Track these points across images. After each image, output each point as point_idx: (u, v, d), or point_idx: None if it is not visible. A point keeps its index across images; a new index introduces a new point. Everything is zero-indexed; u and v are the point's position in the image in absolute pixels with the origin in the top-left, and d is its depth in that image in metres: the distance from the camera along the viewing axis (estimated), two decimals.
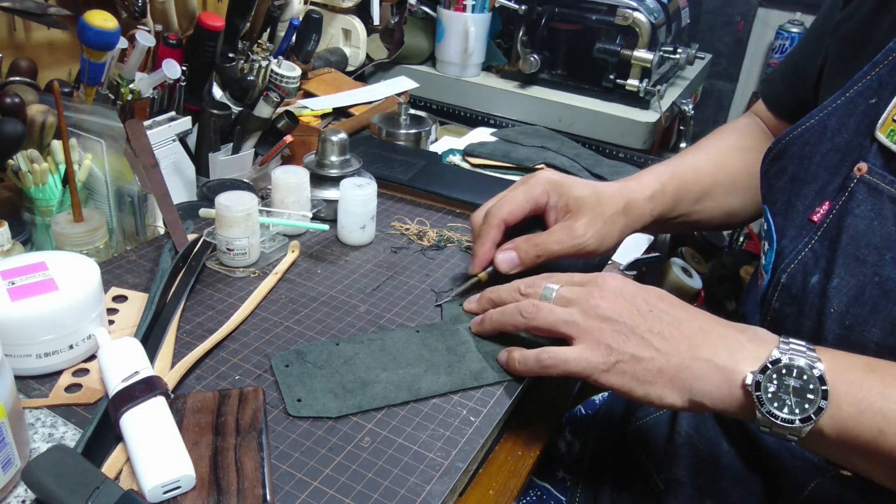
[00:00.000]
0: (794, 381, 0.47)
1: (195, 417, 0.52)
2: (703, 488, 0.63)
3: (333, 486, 0.49)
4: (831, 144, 0.57)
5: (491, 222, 0.68)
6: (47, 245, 0.73)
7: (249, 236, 0.72)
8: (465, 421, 0.55)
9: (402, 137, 1.10)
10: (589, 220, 0.67)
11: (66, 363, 0.57)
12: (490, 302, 0.64)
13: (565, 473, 0.74)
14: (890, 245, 0.51)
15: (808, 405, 0.46)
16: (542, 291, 0.58)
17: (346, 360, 0.60)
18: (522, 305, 0.58)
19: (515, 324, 0.59)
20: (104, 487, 0.43)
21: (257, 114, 0.90)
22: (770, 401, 0.47)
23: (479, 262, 0.70)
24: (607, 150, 1.27)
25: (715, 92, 2.18)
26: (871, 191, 0.52)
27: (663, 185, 0.72)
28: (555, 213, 0.69)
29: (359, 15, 1.32)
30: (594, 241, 0.67)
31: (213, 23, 0.86)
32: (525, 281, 0.61)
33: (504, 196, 0.70)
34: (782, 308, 0.58)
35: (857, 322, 0.52)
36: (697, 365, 0.50)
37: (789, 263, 0.57)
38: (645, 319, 0.53)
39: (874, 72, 0.54)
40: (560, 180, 0.69)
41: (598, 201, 0.68)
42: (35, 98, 0.73)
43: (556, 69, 1.38)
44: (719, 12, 2.10)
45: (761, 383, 0.47)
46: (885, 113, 0.52)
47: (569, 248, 0.67)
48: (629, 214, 0.69)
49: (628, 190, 0.70)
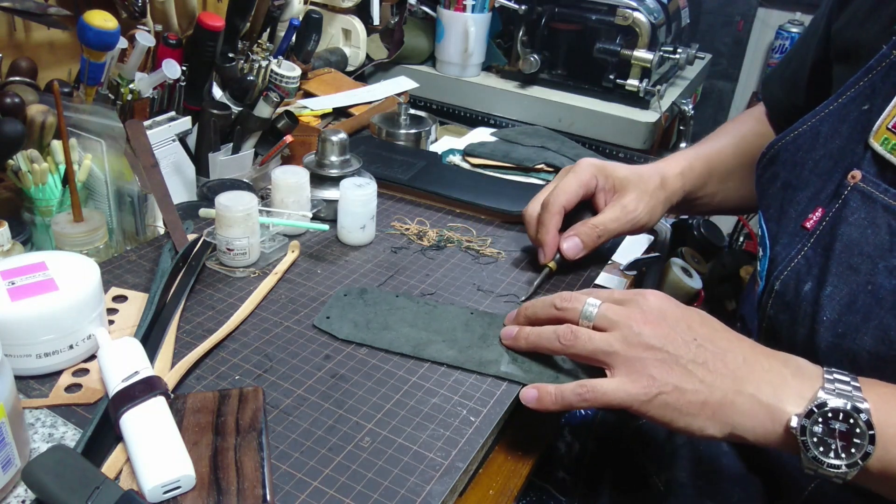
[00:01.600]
0: (840, 424, 0.46)
1: (195, 417, 0.52)
2: (704, 489, 0.63)
3: (333, 486, 0.49)
4: (824, 150, 0.56)
5: (552, 210, 0.72)
6: (47, 245, 0.73)
7: (249, 236, 0.72)
8: (465, 421, 0.55)
9: (402, 137, 1.10)
10: (637, 195, 0.72)
11: (66, 363, 0.57)
12: (526, 319, 0.61)
13: (565, 474, 0.74)
14: (883, 254, 0.50)
15: (855, 450, 0.45)
16: (583, 309, 0.56)
17: (391, 308, 0.65)
18: (560, 331, 0.55)
19: (552, 349, 0.57)
20: (104, 487, 0.43)
21: (257, 114, 0.90)
22: (815, 445, 0.46)
23: (549, 251, 0.73)
24: (607, 150, 1.27)
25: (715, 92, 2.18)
26: (864, 199, 0.52)
27: (691, 164, 0.76)
28: (603, 195, 0.74)
29: (359, 15, 1.32)
30: (645, 214, 0.72)
31: (213, 23, 0.86)
32: (561, 294, 0.59)
33: (557, 186, 0.73)
34: (777, 315, 0.58)
35: (850, 330, 0.52)
36: (741, 400, 0.49)
37: (782, 270, 0.57)
38: (689, 349, 0.51)
39: (867, 78, 0.54)
40: (603, 164, 0.74)
41: (640, 178, 0.73)
42: (35, 98, 0.73)
43: (556, 69, 1.38)
44: (719, 12, 2.10)
45: (807, 428, 0.46)
46: (880, 121, 0.52)
47: (625, 225, 0.71)
48: (666, 188, 0.74)
49: (661, 168, 0.75)
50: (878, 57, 0.53)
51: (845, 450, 0.46)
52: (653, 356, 0.51)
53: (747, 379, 0.50)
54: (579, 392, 0.53)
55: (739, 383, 0.50)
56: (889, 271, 0.50)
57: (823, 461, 0.46)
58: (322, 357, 0.62)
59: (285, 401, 0.56)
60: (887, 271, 0.50)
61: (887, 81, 0.52)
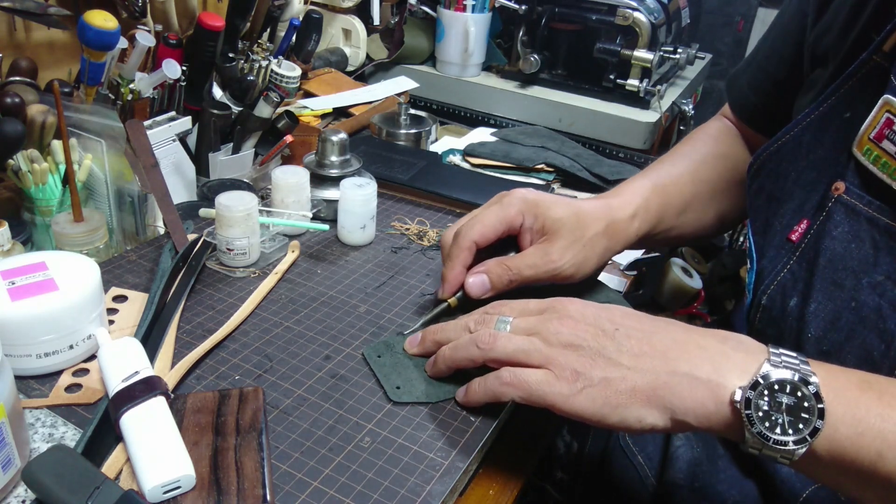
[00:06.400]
0: (787, 398, 0.43)
1: (195, 417, 0.52)
2: (699, 491, 0.63)
3: (333, 486, 0.49)
4: (807, 161, 0.55)
5: (461, 244, 0.63)
6: (47, 245, 0.73)
7: (249, 236, 0.72)
8: (465, 421, 0.55)
9: (402, 137, 1.10)
10: (567, 243, 0.62)
11: (66, 363, 0.57)
12: (435, 343, 0.58)
13: (564, 474, 0.74)
14: (867, 269, 0.49)
15: (803, 425, 0.42)
16: (496, 325, 0.53)
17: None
18: (478, 336, 0.53)
19: (471, 357, 0.53)
20: (104, 487, 0.43)
21: (257, 114, 0.90)
22: (761, 420, 0.43)
23: (448, 288, 0.64)
24: (607, 150, 1.27)
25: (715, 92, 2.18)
26: (848, 212, 0.51)
27: (647, 201, 0.68)
28: (530, 235, 0.64)
29: (359, 15, 1.32)
30: (571, 266, 0.62)
31: (213, 23, 0.86)
32: (473, 316, 0.56)
33: (476, 215, 0.65)
34: (764, 329, 0.57)
35: (834, 349, 0.50)
36: (675, 380, 0.46)
37: (769, 284, 0.56)
38: (612, 340, 0.48)
39: (847, 84, 0.53)
40: (536, 199, 0.64)
41: (578, 223, 0.63)
42: (35, 98, 0.73)
43: (556, 69, 1.38)
44: (719, 12, 2.10)
45: (751, 400, 0.43)
46: (862, 129, 0.50)
47: (543, 274, 0.62)
48: (612, 236, 0.65)
49: (611, 209, 0.66)
50: (858, 63, 0.52)
51: (792, 425, 0.42)
52: (575, 353, 0.49)
53: (680, 358, 0.46)
54: (502, 375, 0.51)
55: (671, 363, 0.46)
56: (872, 287, 0.49)
57: (770, 437, 0.43)
58: (322, 357, 0.62)
59: (285, 401, 0.56)
60: (871, 287, 0.49)
61: (868, 88, 0.51)
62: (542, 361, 0.49)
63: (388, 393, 0.58)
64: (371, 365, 0.61)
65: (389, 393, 0.57)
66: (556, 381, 0.48)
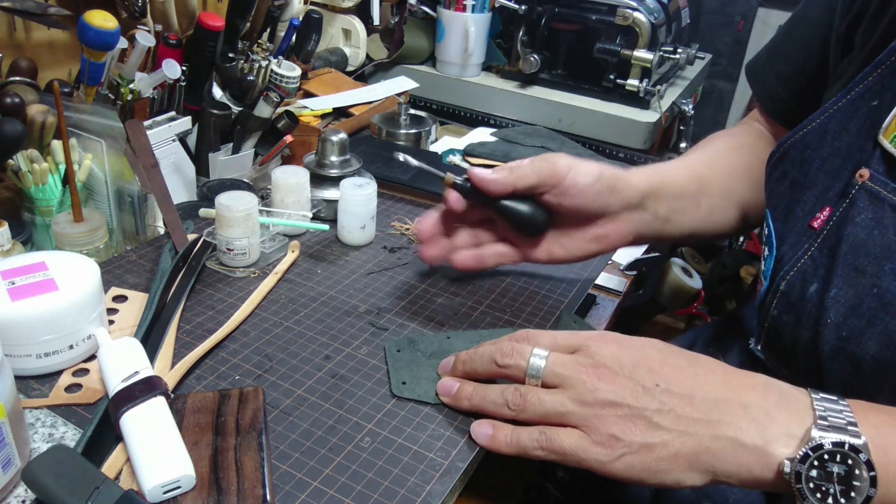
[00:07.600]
0: (837, 466, 0.42)
1: (195, 417, 0.52)
2: (701, 489, 0.63)
3: (333, 486, 0.49)
4: (832, 148, 0.55)
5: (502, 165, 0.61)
6: (47, 245, 0.73)
7: (249, 236, 0.72)
8: (466, 421, 0.55)
9: (402, 137, 1.10)
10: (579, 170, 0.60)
11: (66, 363, 0.57)
12: (464, 374, 0.56)
13: (564, 473, 0.74)
14: (889, 256, 0.49)
15: (856, 493, 0.42)
16: (528, 365, 0.50)
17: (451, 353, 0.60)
18: (508, 396, 0.51)
19: (501, 414, 0.51)
20: (104, 487, 0.43)
21: (257, 114, 0.90)
22: (812, 491, 0.42)
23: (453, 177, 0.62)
24: (607, 150, 1.27)
25: (715, 92, 2.18)
26: (872, 198, 0.51)
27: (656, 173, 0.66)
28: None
29: (359, 15, 1.32)
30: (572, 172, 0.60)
31: (213, 23, 0.86)
32: (501, 349, 0.52)
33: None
34: (780, 316, 0.57)
35: (854, 334, 0.50)
36: (719, 445, 0.45)
37: (788, 271, 0.56)
38: (652, 398, 0.46)
39: (876, 73, 0.53)
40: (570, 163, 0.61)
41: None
42: (35, 98, 0.73)
43: (556, 69, 1.38)
44: (719, 12, 2.10)
45: (802, 474, 0.42)
46: (890, 117, 0.51)
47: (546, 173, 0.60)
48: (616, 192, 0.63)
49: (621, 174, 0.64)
50: (888, 51, 0.52)
51: (844, 494, 0.42)
52: (612, 413, 0.46)
53: (723, 421, 0.45)
54: (537, 439, 0.48)
55: (714, 427, 0.45)
56: (895, 274, 0.49)
57: None
58: (322, 357, 0.62)
59: (285, 401, 0.56)
60: (893, 274, 0.49)
61: None
62: (577, 422, 0.48)
63: (393, 386, 0.58)
64: (387, 357, 0.61)
65: (394, 386, 0.58)
66: (592, 447, 0.47)
